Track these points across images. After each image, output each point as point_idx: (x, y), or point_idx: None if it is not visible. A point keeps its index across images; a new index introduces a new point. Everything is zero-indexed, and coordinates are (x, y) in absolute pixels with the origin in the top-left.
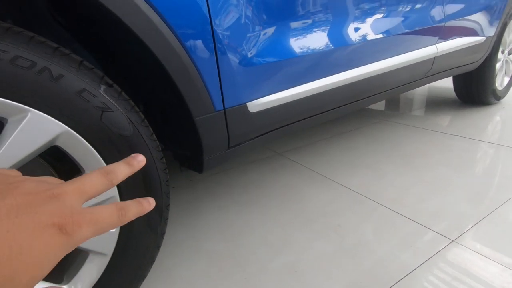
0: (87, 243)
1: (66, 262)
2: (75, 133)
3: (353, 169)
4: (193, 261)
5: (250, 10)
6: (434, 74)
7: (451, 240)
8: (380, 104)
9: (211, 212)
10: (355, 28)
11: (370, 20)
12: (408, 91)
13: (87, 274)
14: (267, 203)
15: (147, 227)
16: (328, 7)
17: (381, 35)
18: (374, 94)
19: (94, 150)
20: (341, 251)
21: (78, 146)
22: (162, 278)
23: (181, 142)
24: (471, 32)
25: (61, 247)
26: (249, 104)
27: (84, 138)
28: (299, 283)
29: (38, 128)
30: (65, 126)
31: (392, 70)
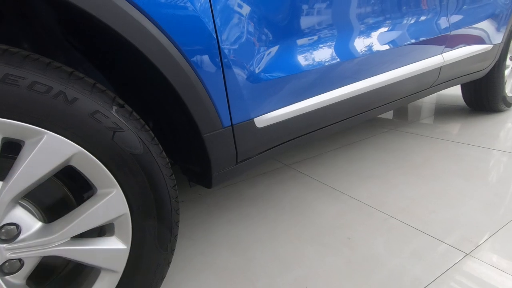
0: (99, 261)
1: (79, 280)
2: (88, 153)
3: (362, 181)
4: (203, 277)
5: (255, 27)
6: (441, 83)
7: (466, 254)
8: (388, 113)
9: (220, 226)
10: (361, 41)
11: (375, 32)
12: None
13: None
14: (276, 217)
15: (158, 244)
16: (333, 21)
17: (386, 47)
18: (381, 105)
19: (107, 169)
20: (352, 265)
21: (91, 166)
22: None
23: (190, 158)
24: (478, 40)
25: None
26: (256, 120)
27: (97, 158)
28: None
29: (54, 150)
30: (79, 147)
31: (398, 81)
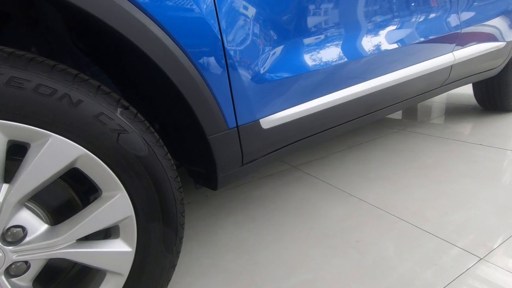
0: (104, 263)
1: (85, 282)
2: (93, 156)
3: (370, 182)
4: (209, 279)
5: (260, 28)
6: (452, 82)
7: (480, 258)
8: (397, 113)
9: (226, 229)
10: (368, 40)
11: (383, 31)
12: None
13: None
14: (283, 219)
15: (163, 247)
16: (340, 20)
17: (395, 46)
18: (390, 106)
19: (111, 171)
20: (361, 269)
21: (96, 168)
22: None
23: (195, 160)
24: (490, 38)
25: None
26: (262, 121)
27: (102, 160)
28: None
29: (59, 152)
30: (84, 149)
31: (408, 81)
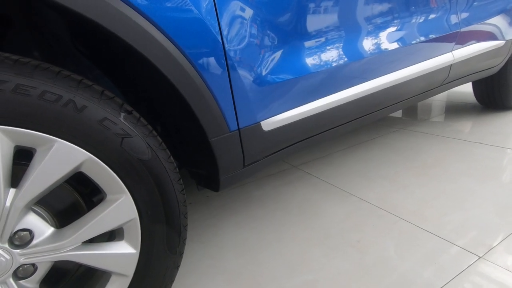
0: (110, 265)
1: (90, 283)
2: (98, 160)
3: (371, 181)
4: (211, 279)
5: (261, 30)
6: (452, 81)
7: (479, 257)
8: (397, 112)
9: (228, 229)
10: (368, 41)
11: (384, 32)
12: None
13: None
14: (284, 219)
15: (167, 248)
16: (340, 22)
17: (395, 46)
18: (390, 105)
19: (115, 175)
20: (361, 269)
21: (101, 172)
22: None
23: (197, 162)
24: (490, 36)
25: None
26: (263, 123)
27: (106, 164)
28: None
29: (64, 157)
30: (89, 154)
31: (408, 80)
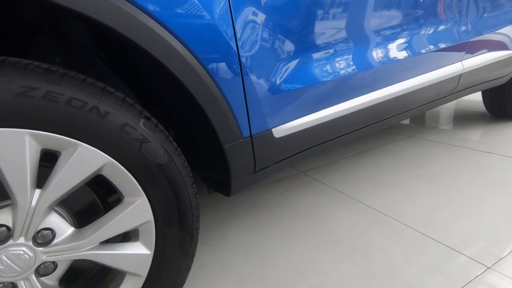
0: (125, 265)
1: (105, 282)
2: (118, 163)
3: (379, 189)
4: (221, 283)
5: (276, 40)
6: (461, 91)
7: (487, 267)
8: (405, 119)
9: (237, 233)
10: (380, 51)
11: (394, 43)
12: None
13: None
14: (292, 224)
15: (179, 250)
16: (353, 33)
17: (405, 56)
18: (399, 114)
19: (133, 178)
20: (369, 275)
21: (120, 175)
22: None
23: (210, 166)
24: (500, 46)
25: None
26: (274, 130)
27: (125, 168)
28: None
29: (87, 160)
30: (109, 157)
31: (417, 90)
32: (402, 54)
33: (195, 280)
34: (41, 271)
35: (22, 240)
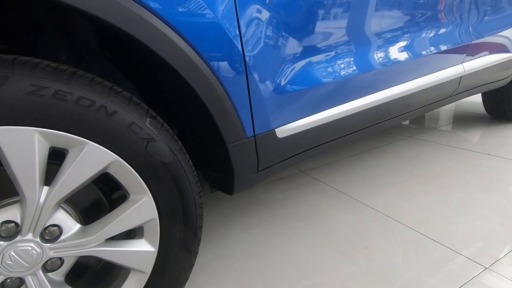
0: (130, 262)
1: (110, 278)
2: (124, 162)
3: (379, 189)
4: (223, 281)
5: (281, 40)
6: (462, 92)
7: (485, 267)
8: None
9: (238, 231)
10: (383, 53)
11: (396, 44)
12: None
13: None
14: (293, 223)
15: (183, 247)
16: (358, 35)
17: (407, 58)
18: (400, 115)
19: (139, 176)
20: (369, 274)
21: (126, 173)
22: None
23: (213, 165)
24: (501, 49)
25: None
26: (277, 130)
27: (131, 166)
28: None
29: (94, 158)
30: (116, 156)
31: (418, 91)
32: (405, 56)
33: (196, 277)
34: (48, 267)
35: (30, 236)
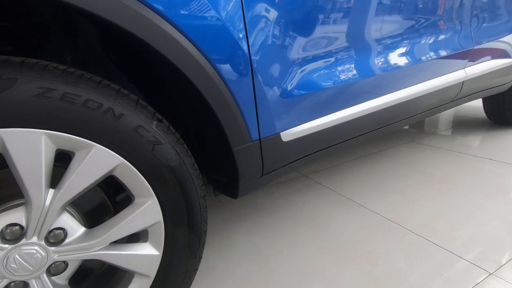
0: (134, 265)
1: (113, 282)
2: (130, 165)
3: (381, 194)
4: (224, 285)
5: (287, 45)
6: (463, 97)
7: (489, 273)
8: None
9: (241, 235)
10: (386, 58)
11: (399, 50)
12: None
13: None
14: (295, 228)
15: (187, 252)
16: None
17: (410, 64)
18: (403, 119)
19: (145, 179)
20: (372, 279)
21: (132, 176)
22: None
23: (218, 168)
24: (503, 54)
25: None
26: (282, 134)
27: (137, 169)
28: None
29: (100, 161)
30: (122, 159)
31: (421, 96)
32: (410, 61)
33: (199, 281)
34: (52, 270)
35: (35, 239)
